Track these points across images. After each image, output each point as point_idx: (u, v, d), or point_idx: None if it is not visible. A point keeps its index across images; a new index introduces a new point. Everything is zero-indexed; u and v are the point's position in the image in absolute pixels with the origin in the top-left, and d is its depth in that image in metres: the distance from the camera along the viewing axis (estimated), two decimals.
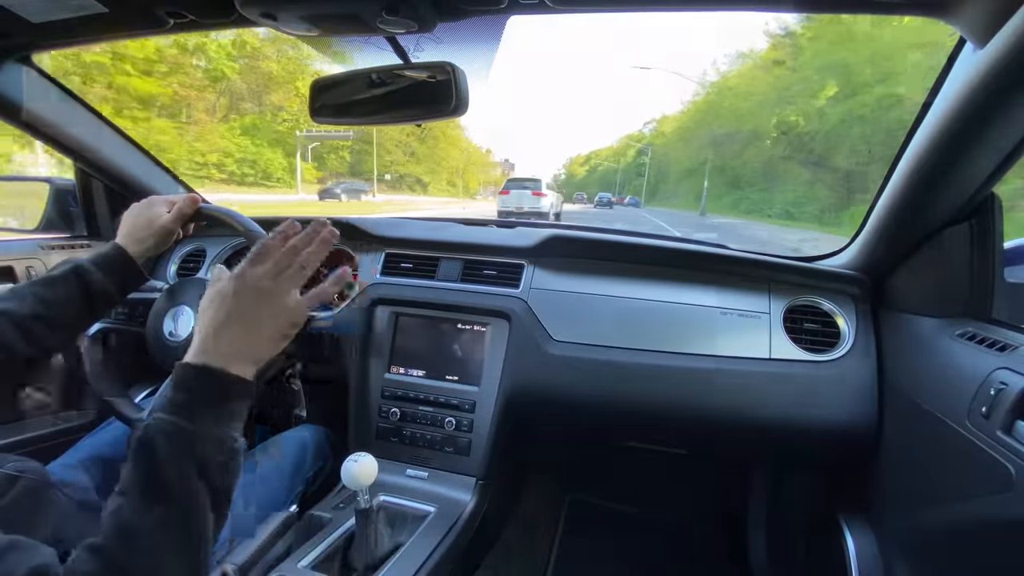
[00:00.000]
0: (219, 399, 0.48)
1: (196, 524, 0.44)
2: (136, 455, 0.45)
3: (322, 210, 15.87)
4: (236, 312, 0.50)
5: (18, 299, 0.68)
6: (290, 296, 0.53)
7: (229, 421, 0.48)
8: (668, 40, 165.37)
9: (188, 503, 0.44)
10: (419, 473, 0.98)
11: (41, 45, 0.90)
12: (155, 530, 0.42)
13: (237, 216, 0.89)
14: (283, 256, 0.53)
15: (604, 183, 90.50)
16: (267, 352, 0.52)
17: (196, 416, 0.46)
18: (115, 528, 0.42)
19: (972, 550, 0.66)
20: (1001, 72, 0.56)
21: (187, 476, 0.44)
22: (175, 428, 0.45)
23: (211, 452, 0.46)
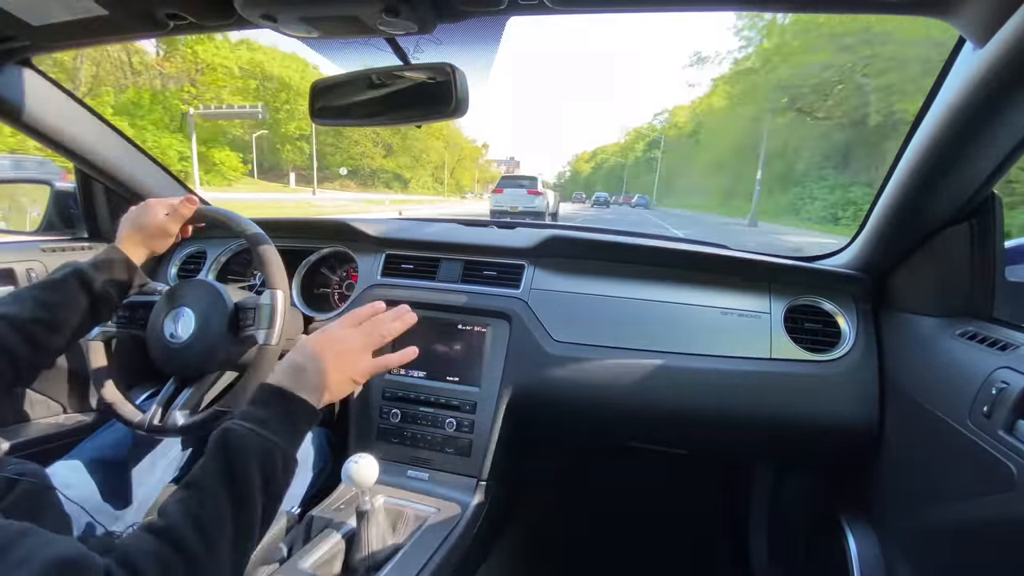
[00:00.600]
0: (291, 419, 0.56)
1: (252, 528, 0.49)
2: (216, 452, 0.50)
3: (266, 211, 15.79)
4: (323, 355, 0.60)
5: (19, 303, 0.68)
6: (365, 356, 0.65)
7: (294, 440, 0.56)
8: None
9: (250, 506, 0.48)
10: (420, 474, 0.98)
11: (41, 47, 0.90)
12: (219, 521, 0.46)
13: (236, 217, 0.89)
14: (371, 324, 0.67)
15: (611, 180, 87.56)
16: (332, 392, 0.61)
17: (271, 429, 0.53)
18: (181, 512, 0.45)
19: (974, 550, 0.65)
20: (1001, 71, 0.56)
21: (254, 482, 0.49)
22: (256, 436, 0.51)
23: (277, 464, 0.52)
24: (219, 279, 1.20)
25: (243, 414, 0.54)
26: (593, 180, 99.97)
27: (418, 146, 55.45)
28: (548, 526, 1.43)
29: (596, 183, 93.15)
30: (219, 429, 0.52)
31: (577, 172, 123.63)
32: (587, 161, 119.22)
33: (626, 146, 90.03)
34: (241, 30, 0.78)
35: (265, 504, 0.50)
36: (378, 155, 48.98)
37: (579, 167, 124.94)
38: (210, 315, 0.85)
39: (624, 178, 79.92)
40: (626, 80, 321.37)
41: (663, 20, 44.89)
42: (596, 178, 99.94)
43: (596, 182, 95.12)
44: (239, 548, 0.47)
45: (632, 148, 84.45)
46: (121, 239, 0.81)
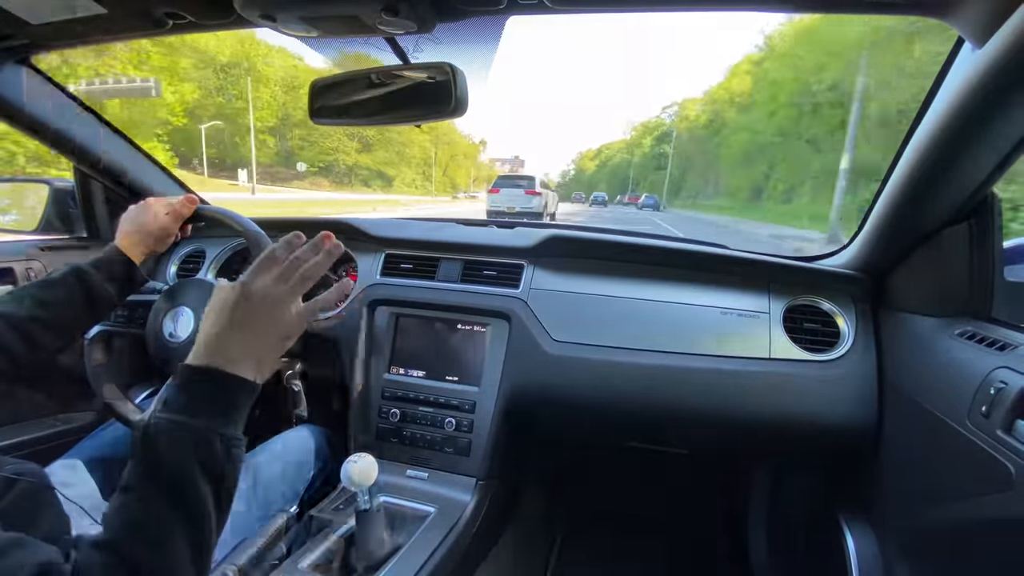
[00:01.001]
0: (221, 398, 0.49)
1: (201, 520, 0.45)
2: (140, 452, 0.46)
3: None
4: (239, 318, 0.52)
5: (17, 301, 0.68)
6: (293, 305, 0.55)
7: (231, 420, 0.49)
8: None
9: (193, 498, 0.45)
10: (419, 474, 0.98)
11: (40, 46, 0.90)
12: (163, 524, 0.43)
13: (235, 216, 0.89)
14: (288, 266, 0.55)
15: (616, 178, 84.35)
16: (268, 356, 0.54)
17: (198, 414, 0.47)
18: (122, 523, 0.42)
19: (972, 549, 0.66)
20: (1000, 72, 0.56)
21: (191, 472, 0.45)
22: (178, 425, 0.46)
23: (214, 450, 0.47)
24: (218, 278, 1.19)
25: (165, 403, 0.48)
26: (597, 179, 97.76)
27: (400, 140, 48.63)
28: (547, 526, 1.43)
29: (600, 182, 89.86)
30: (141, 428, 0.47)
31: (582, 170, 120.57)
32: (592, 159, 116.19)
33: (632, 142, 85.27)
34: (240, 29, 0.78)
35: (216, 492, 0.46)
36: (352, 150, 43.17)
37: (584, 165, 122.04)
38: None
39: (630, 176, 75.94)
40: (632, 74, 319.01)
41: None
42: (601, 176, 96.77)
43: (600, 181, 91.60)
44: (194, 543, 0.44)
45: (639, 144, 79.84)
46: (120, 238, 0.81)
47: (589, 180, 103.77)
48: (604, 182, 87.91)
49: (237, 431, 0.50)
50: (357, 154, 43.86)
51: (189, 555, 0.43)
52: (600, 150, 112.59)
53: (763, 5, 0.65)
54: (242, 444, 0.50)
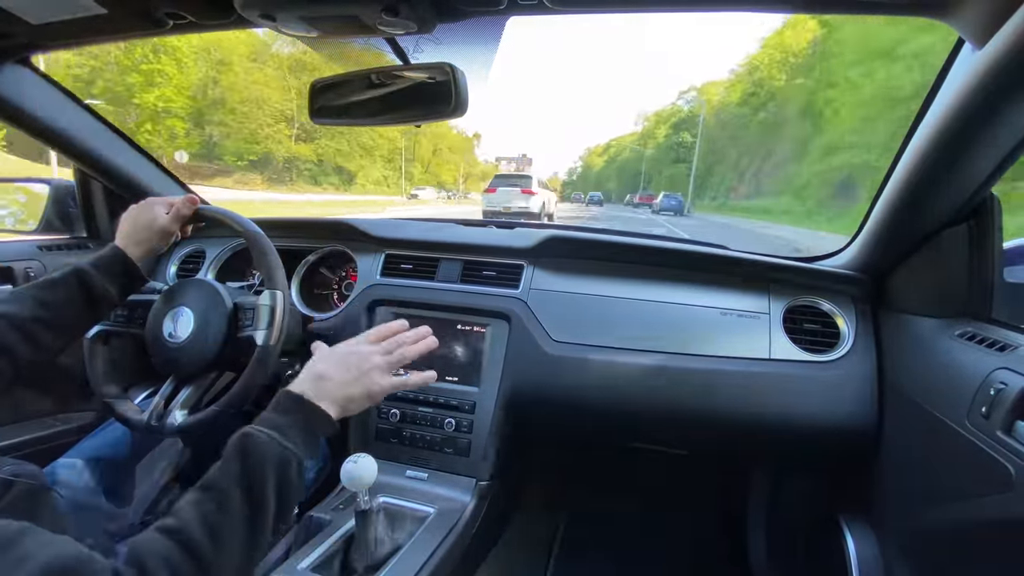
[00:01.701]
0: (308, 426, 0.56)
1: (263, 531, 0.49)
2: (235, 457, 0.50)
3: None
4: (346, 368, 0.63)
5: (18, 302, 0.68)
6: (386, 375, 0.66)
7: (309, 447, 0.56)
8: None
9: (263, 510, 0.49)
10: (419, 474, 0.98)
11: (40, 46, 0.90)
12: (233, 525, 0.46)
13: (235, 217, 0.89)
14: (393, 343, 0.69)
15: (626, 174, 74.99)
16: (350, 406, 0.63)
17: (291, 437, 0.53)
18: (195, 515, 0.45)
19: (973, 550, 0.66)
20: (1000, 72, 0.56)
21: (269, 485, 0.49)
22: (275, 443, 0.52)
23: (291, 471, 0.52)
24: (218, 279, 1.19)
25: (263, 420, 0.55)
26: (606, 175, 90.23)
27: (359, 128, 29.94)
28: (547, 526, 1.43)
29: (609, 179, 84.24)
30: (239, 433, 0.52)
31: (589, 167, 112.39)
32: (600, 155, 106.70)
33: (645, 133, 73.56)
34: (241, 29, 0.78)
35: (278, 511, 0.50)
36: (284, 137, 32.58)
37: (591, 162, 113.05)
38: (209, 315, 0.85)
39: (642, 171, 64.60)
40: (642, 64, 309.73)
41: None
42: (609, 173, 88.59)
43: (609, 178, 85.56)
44: (249, 554, 0.47)
45: (652, 135, 68.01)
46: (121, 238, 0.81)
47: (597, 177, 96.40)
48: (613, 179, 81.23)
49: (311, 458, 0.56)
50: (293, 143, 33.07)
51: (243, 559, 0.47)
52: (609, 145, 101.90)
53: (763, 5, 0.65)
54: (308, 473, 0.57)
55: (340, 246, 1.19)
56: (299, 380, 0.61)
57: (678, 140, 55.27)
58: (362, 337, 0.68)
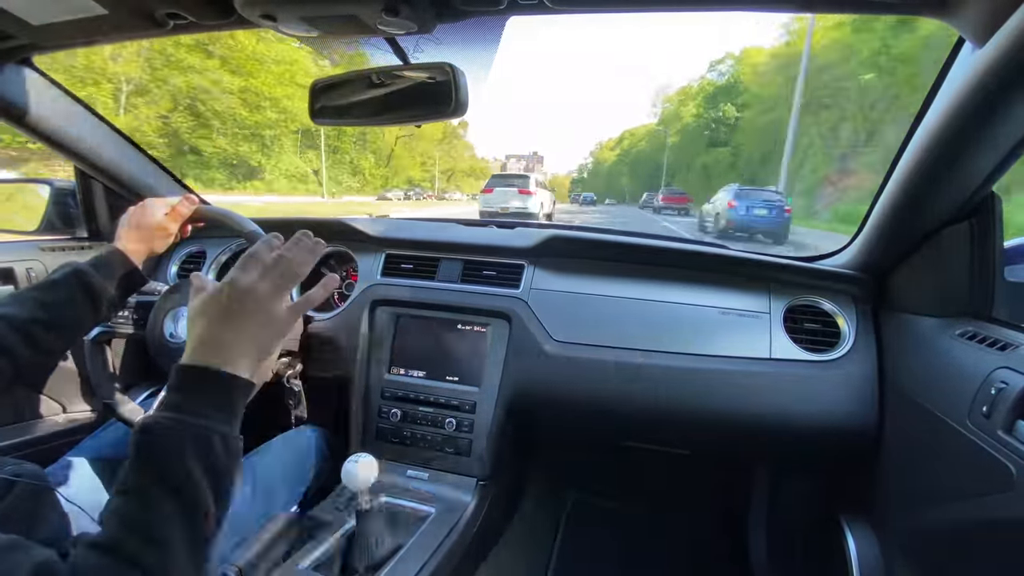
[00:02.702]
0: (218, 397, 0.50)
1: (201, 519, 0.45)
2: (137, 452, 0.46)
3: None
4: (228, 317, 0.52)
5: (18, 303, 0.68)
6: (281, 302, 0.55)
7: (229, 418, 0.50)
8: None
9: (192, 497, 0.45)
10: (420, 474, 0.98)
11: (41, 47, 0.90)
12: (163, 523, 0.43)
13: (236, 216, 0.90)
14: (271, 264, 0.55)
15: (641, 167, 61.32)
16: (263, 354, 0.54)
17: (196, 413, 0.48)
18: (120, 522, 0.42)
19: (973, 550, 0.65)
20: (1000, 71, 0.56)
21: (191, 471, 0.45)
22: (176, 423, 0.47)
23: (214, 448, 0.47)
24: (219, 279, 1.19)
25: (161, 403, 0.49)
26: (618, 170, 78.24)
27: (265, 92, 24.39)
28: (548, 525, 1.42)
29: (621, 174, 73.86)
30: (136, 427, 0.47)
31: (600, 162, 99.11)
32: (611, 148, 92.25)
33: (667, 117, 54.92)
34: (240, 29, 0.78)
35: (215, 490, 0.46)
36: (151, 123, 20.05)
37: (602, 156, 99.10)
38: None
39: (664, 163, 48.85)
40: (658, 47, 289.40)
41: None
42: (621, 167, 76.09)
43: (621, 173, 74.68)
44: (196, 542, 0.44)
45: (677, 116, 49.29)
46: (120, 239, 0.81)
47: (608, 173, 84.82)
48: (626, 175, 70.37)
49: (235, 430, 0.50)
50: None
51: (188, 554, 0.44)
52: (622, 137, 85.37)
53: (764, 5, 0.65)
54: (240, 442, 0.50)
55: (341, 246, 1.19)
56: (188, 349, 0.52)
57: (715, 116, 38.93)
58: (239, 268, 0.54)
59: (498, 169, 76.28)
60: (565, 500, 1.52)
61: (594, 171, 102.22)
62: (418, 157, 51.08)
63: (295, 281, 0.57)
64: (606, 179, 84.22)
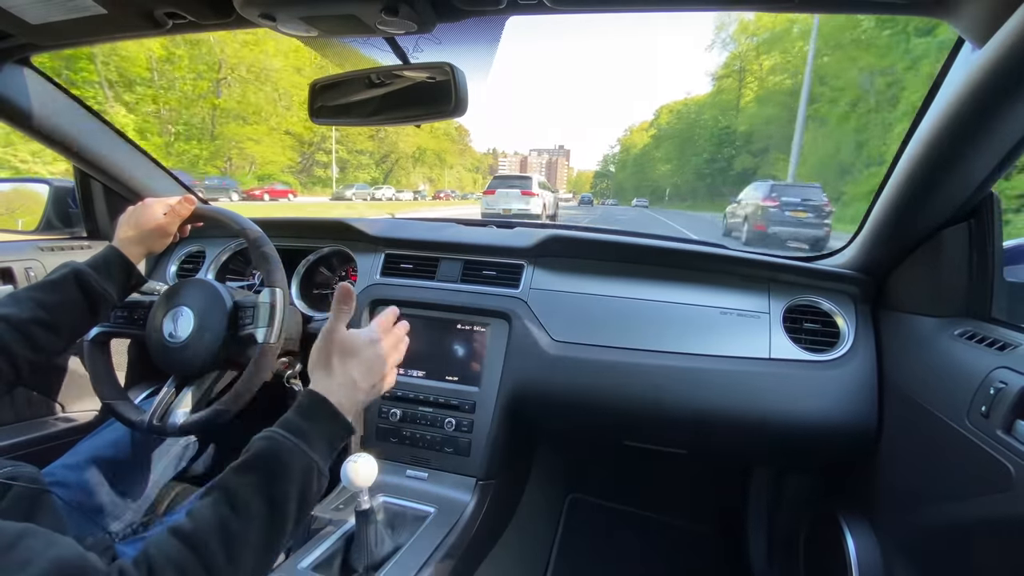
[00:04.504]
0: (334, 435, 0.55)
1: (278, 541, 0.47)
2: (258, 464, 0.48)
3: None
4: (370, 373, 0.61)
5: (17, 304, 0.68)
6: (393, 373, 0.66)
7: (331, 455, 0.54)
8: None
9: (281, 520, 0.47)
10: (419, 474, 0.98)
11: (40, 46, 0.90)
12: (250, 538, 0.45)
13: (234, 216, 0.90)
14: (394, 339, 0.67)
15: (692, 147, 43.52)
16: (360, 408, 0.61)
17: (314, 444, 0.51)
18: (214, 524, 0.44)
19: (972, 549, 0.66)
20: (1000, 72, 0.56)
21: (290, 496, 0.48)
22: (299, 451, 0.50)
23: (312, 481, 0.50)
24: (218, 278, 1.19)
25: (288, 423, 0.52)
26: (652, 157, 58.68)
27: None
28: (547, 525, 1.43)
29: (657, 160, 55.14)
30: (263, 436, 0.50)
31: (629, 147, 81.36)
32: (645, 129, 73.71)
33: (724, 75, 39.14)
34: (240, 29, 0.78)
35: (297, 519, 0.49)
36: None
37: (632, 140, 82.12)
38: (209, 314, 0.85)
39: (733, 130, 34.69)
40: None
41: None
42: (657, 151, 56.69)
43: (653, 161, 56.25)
44: (261, 563, 0.46)
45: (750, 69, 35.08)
46: (119, 238, 0.81)
47: (638, 161, 66.51)
48: (664, 158, 51.32)
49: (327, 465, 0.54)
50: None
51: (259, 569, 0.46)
52: (659, 113, 63.50)
53: (764, 5, 0.65)
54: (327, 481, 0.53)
55: (340, 246, 1.19)
56: (331, 383, 0.57)
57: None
58: (375, 332, 0.64)
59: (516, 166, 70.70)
60: (564, 499, 1.52)
61: (621, 160, 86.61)
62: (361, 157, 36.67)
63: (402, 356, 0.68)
64: (635, 169, 67.30)
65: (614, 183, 78.11)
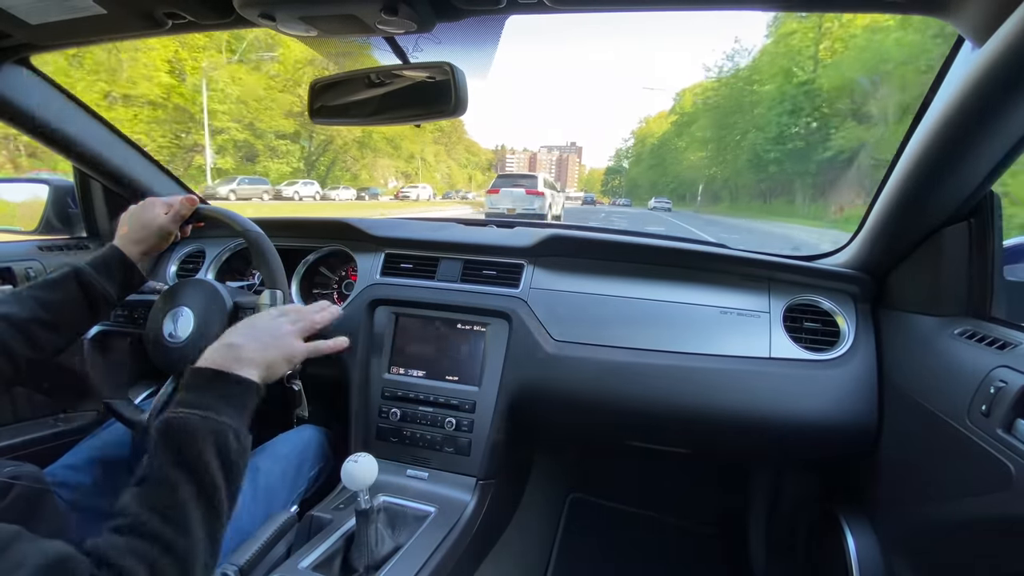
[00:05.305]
0: (231, 395, 0.56)
1: (219, 507, 0.49)
2: (162, 444, 0.49)
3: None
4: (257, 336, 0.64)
5: (18, 302, 0.68)
6: (297, 340, 0.70)
7: (240, 414, 0.55)
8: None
9: (211, 487, 0.48)
10: (419, 473, 0.98)
11: (40, 46, 0.90)
12: (184, 505, 0.46)
13: (235, 216, 0.89)
14: (296, 314, 0.74)
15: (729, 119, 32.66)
16: (270, 370, 0.64)
17: (212, 409, 0.52)
18: (142, 505, 0.45)
19: (972, 548, 0.66)
20: (999, 71, 0.56)
21: (211, 462, 0.49)
22: (196, 418, 0.51)
23: (230, 443, 0.51)
24: (218, 278, 1.19)
25: (181, 401, 0.53)
26: (673, 147, 49.13)
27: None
28: (548, 524, 1.43)
29: (677, 150, 45.46)
30: (159, 422, 0.51)
31: (645, 137, 71.30)
32: (665, 118, 63.54)
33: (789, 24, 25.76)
34: (240, 29, 0.78)
35: (227, 482, 0.50)
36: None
37: (648, 130, 71.90)
38: (209, 315, 0.85)
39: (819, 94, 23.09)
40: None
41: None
42: (678, 139, 47.21)
43: (675, 152, 46.59)
44: (212, 526, 0.48)
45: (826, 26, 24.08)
46: (120, 237, 0.81)
47: (655, 152, 56.12)
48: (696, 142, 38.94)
49: (245, 427, 0.55)
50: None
51: (206, 537, 0.47)
52: (680, 96, 53.04)
53: (764, 4, 0.65)
54: (250, 439, 0.55)
55: (340, 246, 1.19)
56: (206, 354, 0.59)
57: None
58: (267, 312, 0.73)
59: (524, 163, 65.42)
60: (564, 499, 1.52)
61: (636, 153, 75.06)
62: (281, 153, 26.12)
63: (311, 330, 0.73)
64: (651, 163, 55.94)
65: (626, 180, 68.42)
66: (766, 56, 30.11)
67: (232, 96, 22.53)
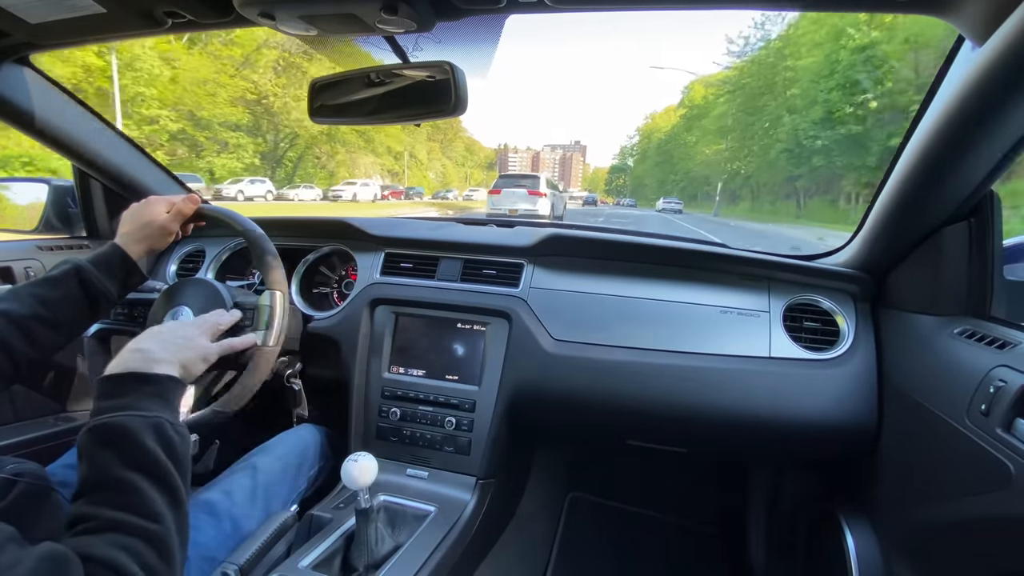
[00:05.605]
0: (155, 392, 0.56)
1: (177, 492, 0.50)
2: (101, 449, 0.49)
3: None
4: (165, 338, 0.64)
5: (18, 300, 0.68)
6: (205, 339, 0.71)
7: (169, 407, 0.56)
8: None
9: (167, 477, 0.49)
10: (419, 473, 0.98)
11: (39, 45, 0.90)
12: (152, 501, 0.47)
13: (236, 216, 0.89)
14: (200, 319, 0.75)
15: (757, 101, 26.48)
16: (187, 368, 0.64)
17: (139, 407, 0.53)
18: (121, 509, 0.45)
19: (972, 547, 0.66)
20: (999, 70, 0.56)
21: (157, 454, 0.50)
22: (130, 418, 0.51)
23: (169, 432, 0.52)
24: (218, 278, 1.19)
25: (102, 408, 0.52)
26: (677, 141, 46.89)
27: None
28: (547, 524, 1.43)
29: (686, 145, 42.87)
30: (84, 432, 0.50)
31: (651, 133, 67.73)
32: (675, 111, 58.59)
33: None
34: (239, 28, 0.78)
35: (178, 468, 0.51)
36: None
37: (657, 124, 67.68)
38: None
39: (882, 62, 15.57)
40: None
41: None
42: (687, 136, 44.21)
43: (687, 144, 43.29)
44: (180, 518, 0.49)
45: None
46: (121, 236, 0.81)
47: (662, 148, 52.70)
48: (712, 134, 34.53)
49: (178, 419, 0.56)
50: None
51: (177, 529, 0.48)
52: (690, 88, 48.80)
53: (764, 4, 0.65)
54: (186, 429, 0.56)
55: (340, 245, 1.19)
56: (115, 362, 0.58)
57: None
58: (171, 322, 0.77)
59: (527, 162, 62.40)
60: (564, 498, 1.52)
61: (641, 148, 69.34)
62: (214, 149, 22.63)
63: (217, 330, 0.75)
64: (658, 159, 52.18)
65: (631, 178, 63.37)
66: (806, 21, 22.41)
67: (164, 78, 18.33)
